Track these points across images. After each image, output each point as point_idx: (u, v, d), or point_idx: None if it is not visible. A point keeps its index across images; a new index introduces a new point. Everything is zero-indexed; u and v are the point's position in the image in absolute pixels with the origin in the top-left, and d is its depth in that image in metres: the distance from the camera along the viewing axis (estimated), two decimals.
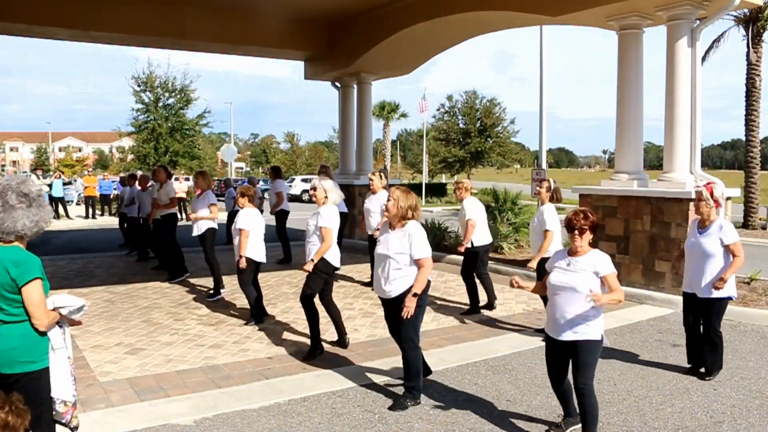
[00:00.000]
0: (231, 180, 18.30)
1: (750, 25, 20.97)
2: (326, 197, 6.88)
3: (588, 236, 4.57)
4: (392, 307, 5.52)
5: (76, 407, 3.81)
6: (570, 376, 4.72)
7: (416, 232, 5.41)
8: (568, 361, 4.68)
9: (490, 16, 11.99)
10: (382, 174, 10.20)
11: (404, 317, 5.34)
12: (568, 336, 4.55)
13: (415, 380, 5.52)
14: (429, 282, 5.56)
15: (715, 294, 6.09)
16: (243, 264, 8.01)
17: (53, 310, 3.69)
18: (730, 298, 6.23)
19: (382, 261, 5.51)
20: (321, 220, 6.73)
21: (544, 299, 7.67)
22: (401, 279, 5.42)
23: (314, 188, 6.98)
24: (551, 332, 4.70)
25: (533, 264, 7.69)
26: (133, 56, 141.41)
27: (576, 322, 4.51)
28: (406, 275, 5.42)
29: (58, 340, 3.69)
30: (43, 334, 3.60)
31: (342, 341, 7.17)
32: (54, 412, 3.66)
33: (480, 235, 8.72)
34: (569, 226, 4.57)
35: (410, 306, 5.33)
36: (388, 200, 5.49)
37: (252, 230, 8.11)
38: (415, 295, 5.34)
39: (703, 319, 6.31)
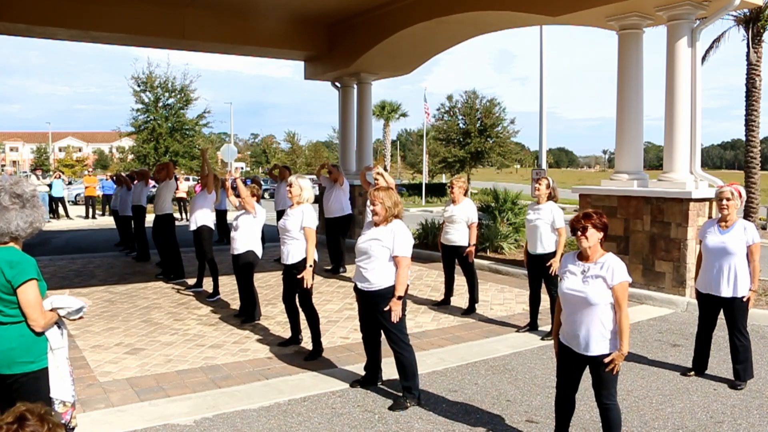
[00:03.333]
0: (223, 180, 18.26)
1: (750, 25, 20.96)
2: (301, 195, 6.91)
3: (594, 235, 4.24)
4: (370, 301, 5.54)
5: (75, 407, 3.80)
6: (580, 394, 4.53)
7: (401, 230, 5.47)
8: (582, 374, 4.43)
9: (489, 17, 11.99)
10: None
11: (394, 321, 5.39)
12: (586, 350, 4.25)
13: (412, 379, 5.53)
14: (407, 285, 5.62)
15: (738, 293, 6.00)
16: None
17: (51, 310, 3.67)
18: (744, 297, 6.06)
19: (363, 254, 5.54)
20: (305, 220, 6.80)
21: (554, 304, 7.70)
22: (383, 274, 5.45)
23: (291, 184, 6.94)
24: (567, 341, 4.39)
25: (556, 266, 7.47)
26: (134, 56, 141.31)
27: (594, 334, 4.21)
28: (387, 270, 5.45)
29: (56, 340, 3.68)
30: (41, 334, 3.59)
31: (296, 340, 7.31)
32: (53, 413, 3.64)
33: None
34: (572, 227, 4.34)
35: (397, 309, 5.38)
36: (374, 204, 5.48)
37: (259, 225, 8.31)
38: (399, 298, 5.37)
39: (727, 322, 6.16)
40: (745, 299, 6.04)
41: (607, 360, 4.20)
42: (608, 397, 4.31)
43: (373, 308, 5.54)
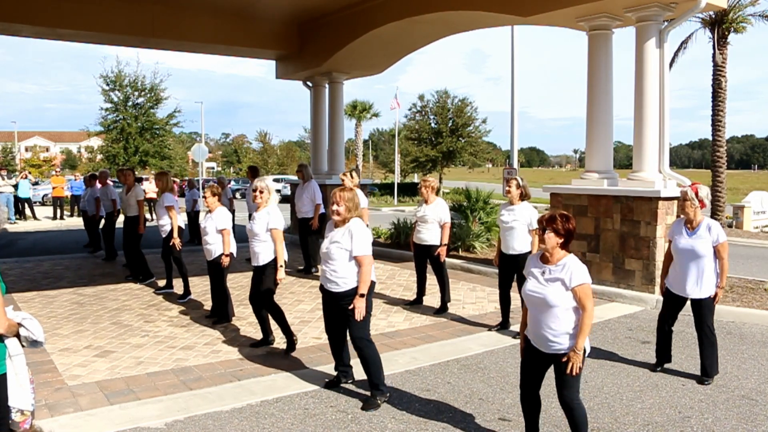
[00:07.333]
0: (195, 181, 18.17)
1: (716, 28, 21.35)
2: (269, 199, 6.99)
3: (552, 239, 4.22)
4: (337, 302, 5.54)
5: (35, 416, 3.69)
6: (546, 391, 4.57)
7: (357, 229, 5.45)
8: (545, 371, 4.47)
9: (461, 16, 12.03)
10: (353, 173, 10.25)
11: (357, 319, 5.40)
12: (549, 348, 4.30)
13: (379, 375, 5.55)
14: (373, 282, 5.60)
15: (706, 294, 6.11)
16: (227, 262, 8.13)
17: (19, 324, 3.56)
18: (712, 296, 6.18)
19: (327, 258, 5.53)
20: (272, 222, 6.86)
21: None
22: (348, 275, 5.46)
23: (261, 190, 6.95)
24: (532, 339, 4.44)
25: None
26: (103, 54, 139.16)
27: (556, 334, 4.24)
28: (352, 271, 5.46)
29: (15, 347, 3.56)
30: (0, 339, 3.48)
31: (267, 341, 7.29)
32: (10, 422, 3.53)
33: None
34: (537, 227, 4.35)
35: (360, 307, 5.39)
36: (338, 204, 5.44)
37: (230, 228, 8.24)
38: (362, 295, 5.39)
39: (696, 320, 6.26)
40: (711, 296, 6.15)
41: (564, 360, 4.24)
42: (571, 397, 4.32)
43: (340, 308, 5.55)
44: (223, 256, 8.09)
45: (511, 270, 7.90)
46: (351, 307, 5.40)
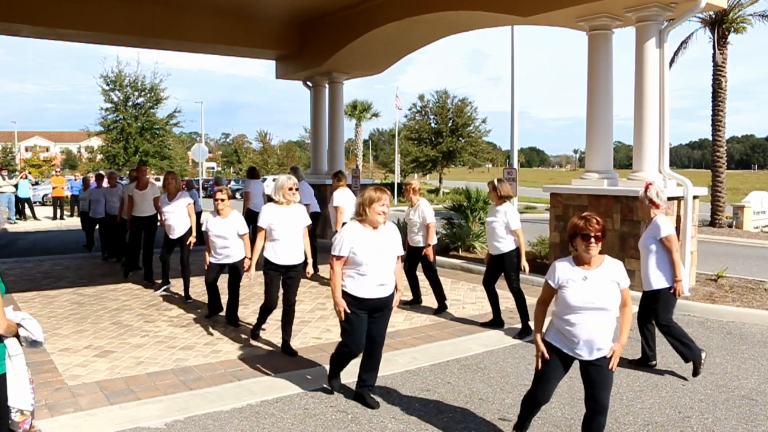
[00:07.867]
0: (193, 181, 18.11)
1: (716, 27, 21.31)
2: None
3: (600, 243, 4.19)
4: (382, 309, 5.48)
5: (34, 416, 3.69)
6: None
7: (397, 230, 5.59)
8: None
9: (461, 16, 12.03)
10: (340, 175, 10.80)
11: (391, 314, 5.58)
12: (592, 353, 4.17)
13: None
14: None
15: (655, 286, 6.28)
16: (248, 265, 7.85)
17: (18, 324, 3.56)
18: (670, 288, 6.25)
19: (384, 265, 5.37)
20: (307, 218, 7.14)
21: (518, 300, 7.79)
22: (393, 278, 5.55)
23: (298, 188, 7.09)
24: (564, 346, 4.25)
25: (526, 265, 7.90)
26: (103, 54, 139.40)
27: (604, 338, 4.15)
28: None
29: (15, 347, 3.56)
30: None
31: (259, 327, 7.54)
32: (10, 422, 3.53)
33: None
34: (584, 234, 4.14)
35: (398, 303, 5.58)
36: (388, 206, 5.38)
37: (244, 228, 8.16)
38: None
39: (653, 312, 6.43)
40: (667, 289, 6.26)
41: (609, 355, 4.18)
42: (608, 397, 4.24)
43: (379, 313, 5.48)
44: (246, 259, 7.97)
45: (497, 269, 7.98)
46: (395, 305, 5.55)
